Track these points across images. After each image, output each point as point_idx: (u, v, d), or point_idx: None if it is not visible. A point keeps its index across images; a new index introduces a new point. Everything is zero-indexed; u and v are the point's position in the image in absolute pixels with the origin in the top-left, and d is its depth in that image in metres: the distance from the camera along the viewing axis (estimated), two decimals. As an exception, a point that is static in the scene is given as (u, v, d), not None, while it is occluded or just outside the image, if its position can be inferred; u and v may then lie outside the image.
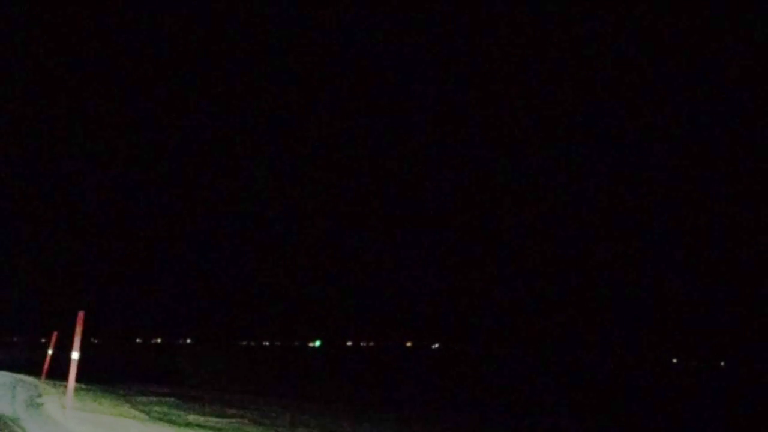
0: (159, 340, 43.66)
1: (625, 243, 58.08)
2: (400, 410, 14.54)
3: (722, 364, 56.78)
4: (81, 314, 7.55)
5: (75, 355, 7.69)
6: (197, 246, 49.08)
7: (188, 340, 43.48)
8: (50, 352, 13.62)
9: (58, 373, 14.77)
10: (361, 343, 51.41)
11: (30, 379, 13.46)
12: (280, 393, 15.52)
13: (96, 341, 40.72)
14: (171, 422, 7.20)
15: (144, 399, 9.97)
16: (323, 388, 18.43)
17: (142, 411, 8.16)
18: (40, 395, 9.90)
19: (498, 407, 18.68)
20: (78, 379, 14.62)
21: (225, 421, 7.92)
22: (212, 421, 7.73)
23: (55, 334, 13.74)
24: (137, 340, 42.90)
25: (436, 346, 55.67)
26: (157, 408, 8.62)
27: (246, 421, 8.17)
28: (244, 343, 43.52)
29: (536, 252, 57.28)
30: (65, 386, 11.98)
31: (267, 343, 44.26)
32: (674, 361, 57.66)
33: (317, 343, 49.24)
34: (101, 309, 44.02)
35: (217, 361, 27.84)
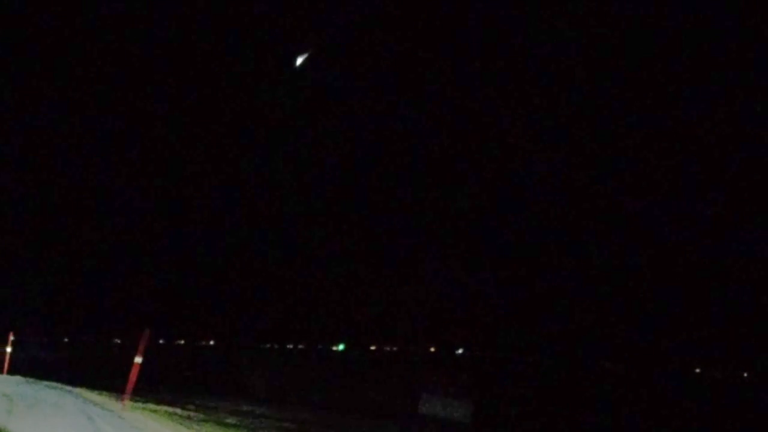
0: (182, 342, 42.07)
1: (649, 247, 56.49)
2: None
3: (745, 374, 55.81)
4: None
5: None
6: (217, 245, 47.24)
7: (211, 342, 41.86)
8: (139, 360, 10.56)
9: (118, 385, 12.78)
10: (385, 348, 49.93)
11: (100, 398, 11.21)
12: (387, 413, 14.02)
13: (118, 341, 39.17)
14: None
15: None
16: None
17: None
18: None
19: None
20: (141, 392, 12.67)
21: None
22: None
23: (147, 333, 11.11)
24: (160, 341, 41.15)
25: (461, 351, 54.25)
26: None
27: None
28: (268, 345, 41.76)
29: (562, 256, 55.53)
30: (168, 412, 9.95)
31: (290, 346, 42.59)
32: (697, 371, 56.64)
33: (341, 347, 47.72)
34: (117, 309, 42.22)
35: (263, 367, 26.14)
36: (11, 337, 15.76)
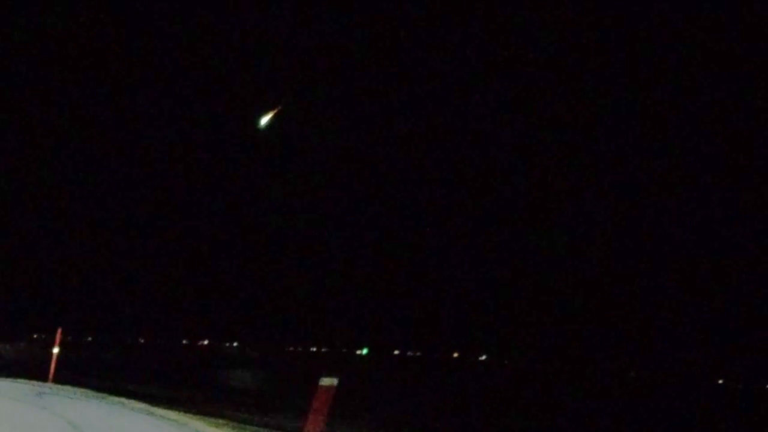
0: (206, 342, 41.65)
1: (674, 258, 55.63)
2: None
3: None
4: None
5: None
6: (242, 246, 46.94)
7: (234, 343, 41.45)
8: (332, 382, 6.61)
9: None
10: (408, 353, 49.28)
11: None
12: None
13: (142, 341, 38.86)
14: None
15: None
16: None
17: None
18: None
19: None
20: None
21: None
22: None
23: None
24: (183, 342, 40.81)
25: (483, 357, 53.65)
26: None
27: None
28: (291, 348, 41.38)
29: (587, 263, 54.71)
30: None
31: (314, 349, 42.19)
32: (720, 382, 55.70)
33: (364, 351, 47.12)
34: (140, 310, 41.79)
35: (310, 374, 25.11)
36: (59, 336, 13.53)
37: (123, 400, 10.16)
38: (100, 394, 10.72)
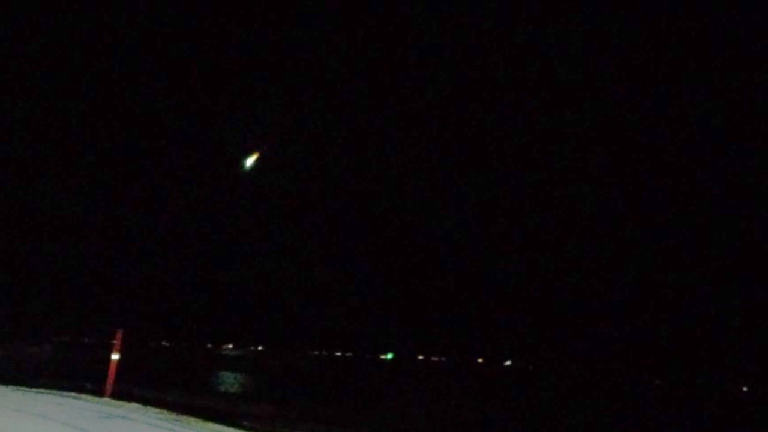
0: (230, 346, 40.78)
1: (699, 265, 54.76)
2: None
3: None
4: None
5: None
6: (266, 249, 46.08)
7: (260, 347, 40.54)
8: None
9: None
10: (433, 358, 48.32)
11: None
12: None
13: (167, 344, 37.98)
14: None
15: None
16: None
17: None
18: None
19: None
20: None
21: None
22: None
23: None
24: (208, 345, 39.88)
25: (509, 363, 52.72)
26: None
27: None
28: (316, 352, 40.48)
29: (610, 269, 53.82)
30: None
31: (339, 354, 41.33)
32: (744, 389, 54.79)
33: (389, 356, 46.19)
34: (165, 312, 40.78)
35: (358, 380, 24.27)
36: (119, 340, 11.75)
37: (223, 428, 8.26)
38: (191, 420, 8.70)
